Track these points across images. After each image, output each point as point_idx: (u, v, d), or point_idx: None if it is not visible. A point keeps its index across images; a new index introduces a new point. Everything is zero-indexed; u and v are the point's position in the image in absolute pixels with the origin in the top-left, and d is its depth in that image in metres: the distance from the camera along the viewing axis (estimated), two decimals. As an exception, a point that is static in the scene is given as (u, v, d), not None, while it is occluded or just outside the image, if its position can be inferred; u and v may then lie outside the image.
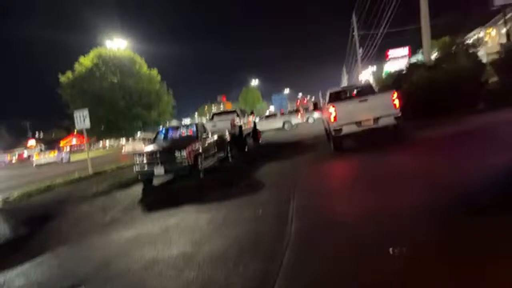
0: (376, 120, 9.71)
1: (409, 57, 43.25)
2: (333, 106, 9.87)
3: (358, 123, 9.76)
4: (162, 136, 12.34)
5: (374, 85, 11.67)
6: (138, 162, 10.41)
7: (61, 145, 54.74)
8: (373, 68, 56.87)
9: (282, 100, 71.58)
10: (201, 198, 7.87)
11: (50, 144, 50.92)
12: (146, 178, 10.56)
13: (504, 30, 22.16)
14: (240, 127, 16.01)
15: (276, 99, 70.42)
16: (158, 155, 10.31)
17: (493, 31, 30.63)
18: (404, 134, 10.59)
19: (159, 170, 10.20)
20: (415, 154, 8.31)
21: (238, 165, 12.70)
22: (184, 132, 12.19)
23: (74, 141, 52.43)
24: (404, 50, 45.09)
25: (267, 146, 17.94)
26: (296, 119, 31.37)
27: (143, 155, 10.44)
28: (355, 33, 42.72)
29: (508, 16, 15.55)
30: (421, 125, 11.80)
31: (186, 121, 50.23)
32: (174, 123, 44.01)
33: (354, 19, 42.46)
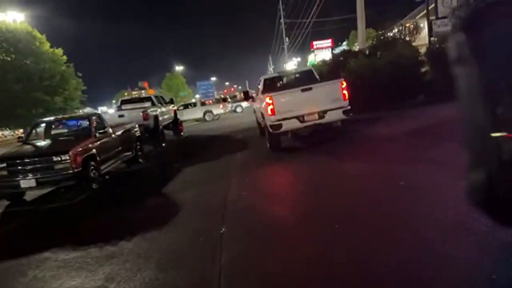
0: (322, 114, 7.65)
1: (332, 48, 43.35)
2: (271, 98, 7.54)
3: (301, 118, 7.60)
4: (41, 131, 8.84)
5: (314, 72, 9.65)
6: (-4, 171, 7.00)
7: None
8: (298, 59, 56.61)
9: (209, 87, 67.82)
10: (80, 233, 5.00)
11: None
12: (11, 193, 7.20)
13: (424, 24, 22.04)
14: (156, 117, 12.95)
15: (202, 86, 66.21)
16: (26, 161, 7.00)
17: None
18: (351, 131, 8.76)
19: (27, 182, 6.93)
20: (368, 159, 6.38)
21: (149, 169, 9.78)
22: (72, 126, 8.89)
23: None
24: (328, 42, 44.94)
25: (189, 141, 15.09)
26: (218, 109, 28.12)
27: (3, 160, 7.03)
28: (282, 20, 41.31)
29: (431, 7, 14.82)
30: (367, 120, 10.13)
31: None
32: (86, 111, 38.49)
33: (281, 6, 40.96)
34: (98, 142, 8.28)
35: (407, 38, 13.93)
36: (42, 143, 8.16)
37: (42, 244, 4.59)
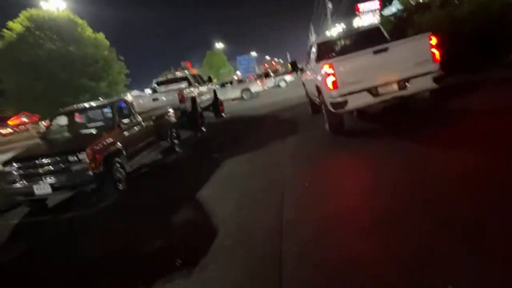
0: (403, 83, 5.51)
1: (380, 10, 38.91)
2: (331, 65, 5.51)
3: (374, 90, 5.53)
4: (64, 123, 7.57)
5: (383, 30, 7.30)
6: (8, 176, 5.85)
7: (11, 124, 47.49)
8: (342, 25, 52.20)
9: (250, 62, 64.93)
10: (89, 275, 3.57)
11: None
12: (30, 199, 6.06)
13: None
14: (194, 99, 11.41)
15: (242, 62, 63.47)
16: (39, 162, 5.76)
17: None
18: (439, 104, 6.47)
19: (42, 187, 5.70)
20: (480, 152, 4.19)
21: (186, 161, 8.29)
22: (98, 116, 7.57)
23: (25, 119, 45.54)
24: (375, 3, 40.46)
25: (231, 123, 13.42)
26: (257, 87, 25.69)
27: (13, 162, 5.85)
28: (324, -15, 37.49)
29: None
30: (456, 86, 7.63)
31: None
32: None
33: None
34: (124, 134, 6.88)
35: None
36: (60, 139, 6.91)
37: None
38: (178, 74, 12.97)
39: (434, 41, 5.44)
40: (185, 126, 11.22)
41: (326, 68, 5.55)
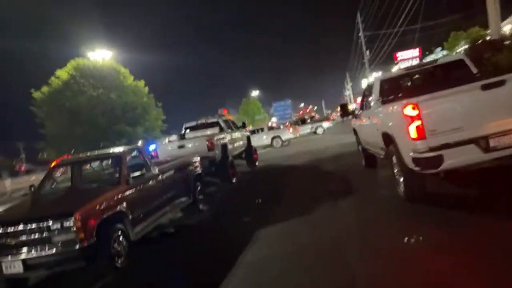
0: (530, 133, 3.61)
1: (420, 59, 37.20)
2: (415, 106, 3.73)
3: (484, 143, 3.65)
4: (60, 176, 6.19)
5: (469, 61, 5.50)
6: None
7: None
8: (379, 73, 50.86)
9: (286, 108, 63.78)
10: None
11: (44, 165, 44.79)
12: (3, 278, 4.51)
13: None
14: (225, 146, 9.93)
15: (278, 108, 62.42)
16: (12, 230, 4.27)
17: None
18: None
19: (12, 265, 4.15)
20: None
21: (208, 225, 6.52)
22: (98, 167, 6.14)
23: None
24: (415, 51, 38.97)
25: (266, 173, 11.67)
26: (288, 134, 24.18)
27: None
28: (361, 33, 36.80)
29: None
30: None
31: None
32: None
33: (359, 18, 36.60)
34: (132, 191, 5.33)
35: None
36: (50, 196, 5.44)
37: None
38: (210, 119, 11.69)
39: None
40: (214, 176, 9.67)
41: (408, 110, 3.79)
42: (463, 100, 3.75)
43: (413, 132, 3.81)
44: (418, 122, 3.77)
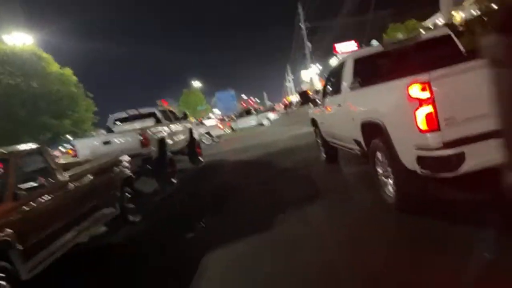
0: None
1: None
2: (425, 85, 2.65)
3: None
4: None
5: (456, 40, 4.64)
6: None
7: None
8: (317, 65, 51.65)
9: (230, 98, 61.64)
10: None
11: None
12: None
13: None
14: (162, 141, 8.29)
15: (221, 98, 60.10)
16: None
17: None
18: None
19: None
20: None
21: (140, 243, 4.97)
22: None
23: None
24: (352, 44, 39.86)
25: (212, 170, 10.17)
26: (217, 130, 22.54)
27: None
28: (302, 24, 36.59)
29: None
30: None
31: (101, 132, 40.94)
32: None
33: (301, 11, 36.32)
34: (23, 210, 3.62)
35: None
36: None
37: None
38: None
39: None
40: (149, 175, 8.05)
41: (415, 91, 2.70)
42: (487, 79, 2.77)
43: (421, 122, 2.73)
44: (429, 108, 2.69)
